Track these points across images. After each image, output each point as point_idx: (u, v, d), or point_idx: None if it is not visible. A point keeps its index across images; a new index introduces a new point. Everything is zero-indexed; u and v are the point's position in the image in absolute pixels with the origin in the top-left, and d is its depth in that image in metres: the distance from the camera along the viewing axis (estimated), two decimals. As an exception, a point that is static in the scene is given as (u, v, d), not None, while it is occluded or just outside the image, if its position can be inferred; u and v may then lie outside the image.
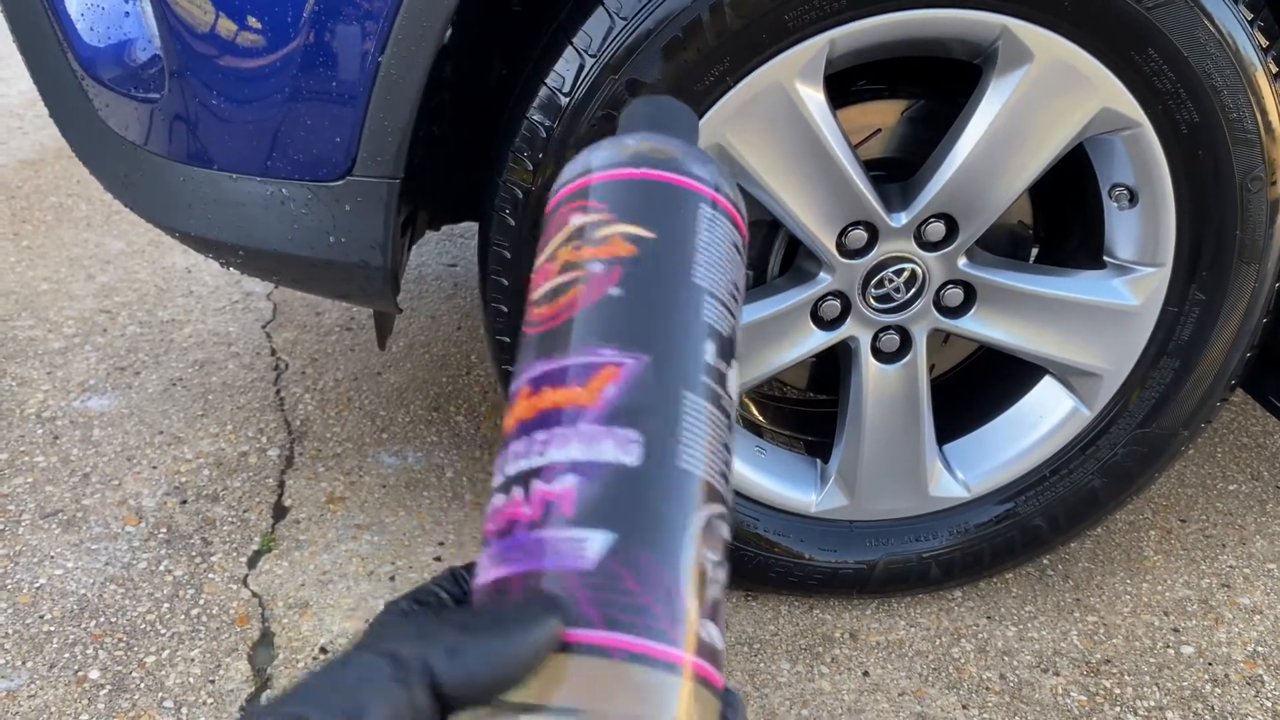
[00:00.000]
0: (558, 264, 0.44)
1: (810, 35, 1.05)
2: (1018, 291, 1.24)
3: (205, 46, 1.11)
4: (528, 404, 0.41)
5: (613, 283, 0.42)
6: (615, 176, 0.45)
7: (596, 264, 0.43)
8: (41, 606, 1.33)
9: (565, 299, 0.42)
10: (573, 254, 0.43)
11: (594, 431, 0.39)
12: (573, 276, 0.43)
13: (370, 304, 1.28)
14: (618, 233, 0.43)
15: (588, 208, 0.45)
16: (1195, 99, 1.11)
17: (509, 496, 0.39)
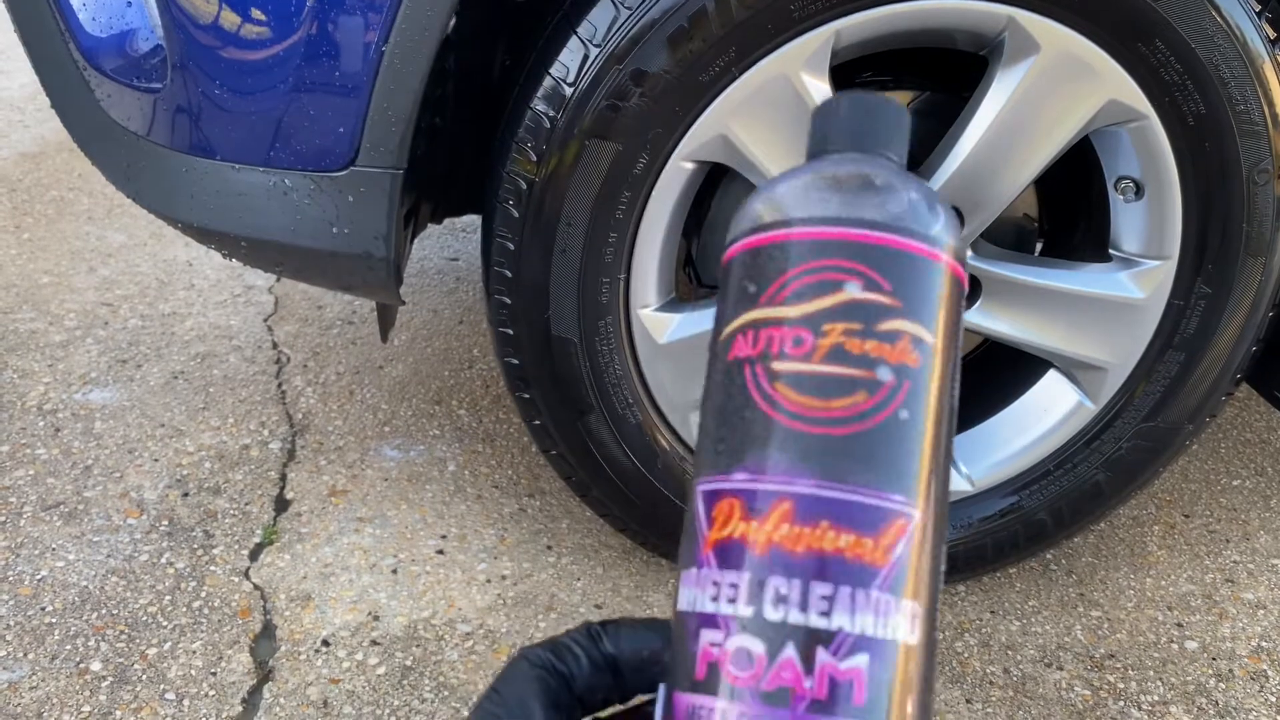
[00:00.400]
0: (828, 342, 0.36)
1: (816, 26, 1.05)
2: (1023, 284, 1.24)
3: (208, 37, 1.10)
4: (798, 533, 0.35)
5: (901, 403, 0.36)
6: (904, 248, 0.38)
7: (885, 370, 0.36)
8: (43, 598, 1.33)
9: (846, 404, 0.36)
10: (854, 343, 0.36)
11: (886, 602, 0.35)
12: (855, 375, 0.36)
13: (373, 295, 1.27)
14: (908, 332, 0.37)
15: (872, 282, 0.37)
16: (1202, 91, 1.10)
17: (776, 650, 0.34)
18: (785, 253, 0.38)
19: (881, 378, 0.36)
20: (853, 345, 0.36)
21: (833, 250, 0.37)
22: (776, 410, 0.36)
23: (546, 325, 1.19)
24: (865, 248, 0.37)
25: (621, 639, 0.40)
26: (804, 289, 0.37)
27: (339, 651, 1.28)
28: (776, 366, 0.36)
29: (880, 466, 0.35)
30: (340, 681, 1.24)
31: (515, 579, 1.42)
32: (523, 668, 0.38)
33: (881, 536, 0.35)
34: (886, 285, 0.37)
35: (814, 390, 0.36)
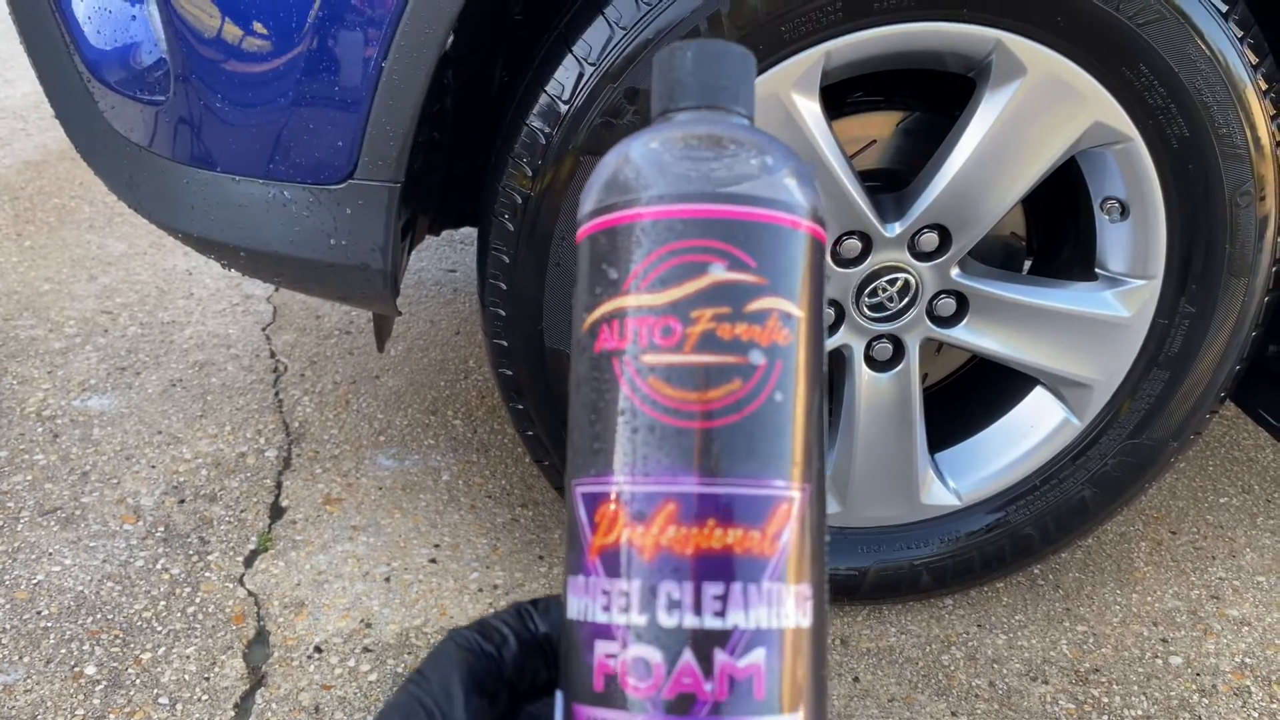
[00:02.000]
0: (698, 330, 0.35)
1: (806, 47, 1.07)
2: (1010, 302, 1.25)
3: (210, 50, 1.12)
4: (685, 534, 0.34)
5: (775, 385, 0.35)
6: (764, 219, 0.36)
7: (757, 353, 0.35)
8: (39, 603, 1.34)
9: (722, 394, 0.34)
10: (724, 329, 0.35)
11: (777, 591, 0.34)
12: (728, 362, 0.35)
13: (370, 306, 1.29)
14: (776, 310, 0.35)
15: (736, 261, 0.35)
16: (1186, 114, 1.12)
17: (673, 657, 0.33)
18: (644, 234, 0.36)
19: (754, 361, 0.35)
20: (723, 331, 0.35)
21: (693, 229, 0.35)
22: (651, 407, 0.35)
23: (540, 337, 1.21)
24: (726, 224, 0.36)
25: (552, 617, 0.40)
26: (668, 274, 0.35)
27: (331, 658, 1.29)
28: (647, 360, 0.35)
29: (760, 454, 0.35)
30: (332, 688, 1.25)
31: (507, 588, 1.44)
32: (449, 650, 0.37)
33: (768, 525, 0.34)
34: (751, 262, 0.35)
35: (688, 382, 0.35)
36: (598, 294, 0.37)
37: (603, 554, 0.35)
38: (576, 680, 0.35)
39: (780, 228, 0.36)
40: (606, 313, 0.36)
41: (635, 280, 0.36)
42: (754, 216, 0.36)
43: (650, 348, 0.35)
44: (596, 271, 0.37)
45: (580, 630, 0.35)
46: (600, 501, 0.35)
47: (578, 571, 0.36)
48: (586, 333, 0.37)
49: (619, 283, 0.36)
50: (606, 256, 0.37)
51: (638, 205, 0.36)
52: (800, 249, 0.36)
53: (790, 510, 0.35)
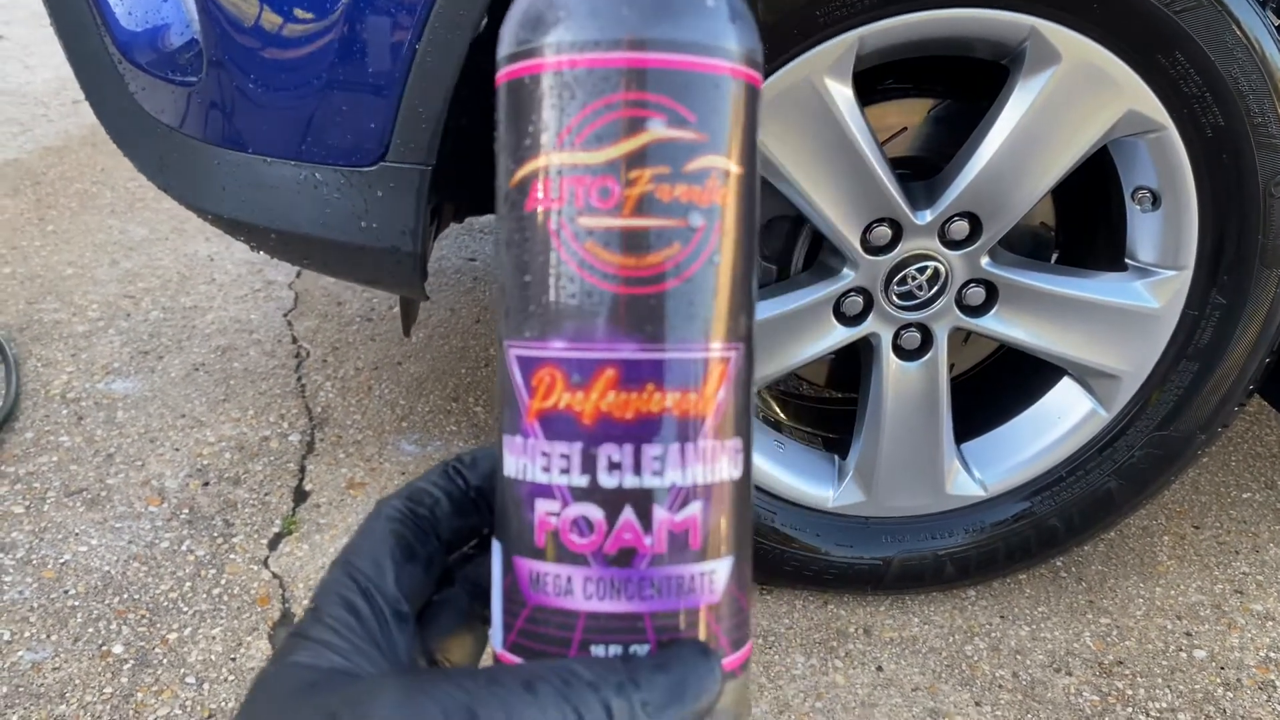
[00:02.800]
0: (637, 192, 0.34)
1: (841, 32, 1.07)
2: (1039, 292, 1.25)
3: (244, 33, 1.12)
4: (624, 399, 0.34)
5: (714, 247, 0.35)
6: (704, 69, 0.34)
7: (697, 215, 0.34)
8: (66, 582, 1.35)
9: (661, 259, 0.34)
10: (663, 190, 0.34)
11: (711, 448, 0.35)
12: (668, 225, 0.34)
13: (398, 290, 1.29)
14: (715, 168, 0.34)
15: (676, 116, 0.34)
16: (1221, 103, 1.12)
17: (615, 515, 0.34)
18: (577, 83, 0.34)
19: (694, 224, 0.34)
20: (662, 192, 0.34)
21: (631, 80, 0.33)
22: (589, 272, 0.34)
23: (568, 322, 1.21)
24: (665, 75, 0.33)
25: (481, 469, 0.40)
26: (604, 130, 0.33)
27: (356, 640, 1.29)
28: (585, 222, 0.34)
29: (699, 317, 0.35)
30: (357, 669, 1.25)
31: (530, 574, 1.44)
32: (378, 523, 0.37)
33: (705, 386, 0.35)
34: (691, 117, 0.34)
35: (627, 247, 0.34)
36: (526, 146, 0.35)
37: (541, 417, 0.35)
38: (517, 535, 0.36)
39: (721, 78, 0.34)
40: (537, 168, 0.35)
41: (569, 135, 0.34)
42: (693, 65, 0.34)
43: (587, 209, 0.34)
44: (523, 120, 0.35)
45: (519, 488, 0.36)
46: (537, 365, 0.35)
47: (515, 432, 0.36)
48: (515, 188, 0.35)
49: (550, 136, 0.34)
50: (535, 104, 0.34)
51: (569, 50, 0.34)
52: (740, 100, 0.35)
53: (726, 370, 0.36)
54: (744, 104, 0.35)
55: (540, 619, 0.35)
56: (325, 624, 0.34)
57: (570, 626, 0.35)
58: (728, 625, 0.36)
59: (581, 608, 0.35)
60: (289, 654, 0.34)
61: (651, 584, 0.35)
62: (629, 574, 0.35)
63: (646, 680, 0.33)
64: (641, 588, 0.35)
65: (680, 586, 0.35)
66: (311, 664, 0.33)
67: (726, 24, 0.35)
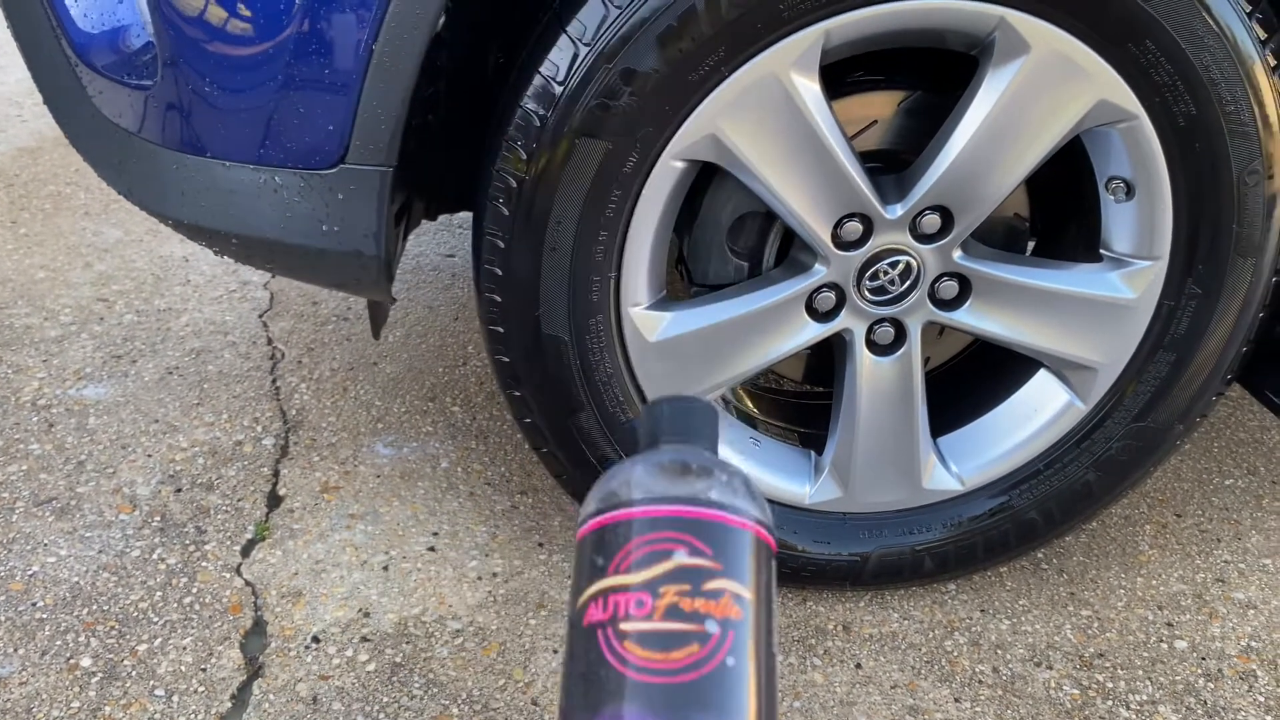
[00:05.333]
0: (664, 603, 0.43)
1: (806, 25, 1.05)
2: (1013, 284, 1.24)
3: (198, 33, 1.10)
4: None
5: (727, 651, 0.42)
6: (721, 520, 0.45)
7: (713, 624, 0.42)
8: (34, 594, 1.33)
9: (681, 656, 0.41)
10: (685, 602, 0.43)
11: None
12: (687, 630, 0.42)
13: (364, 293, 1.28)
14: (728, 589, 0.43)
15: (696, 549, 0.44)
16: (1192, 92, 1.10)
17: None
18: (626, 528, 0.45)
19: (710, 630, 0.42)
20: (685, 604, 0.42)
21: (663, 525, 0.45)
22: (626, 666, 0.41)
23: (537, 323, 1.19)
24: (689, 521, 0.45)
25: None
26: (642, 558, 0.44)
27: (329, 648, 1.28)
28: (624, 627, 0.42)
29: (714, 707, 0.41)
30: (330, 678, 1.24)
31: (506, 576, 1.43)
32: None
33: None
34: (708, 550, 0.44)
35: (656, 645, 0.42)
36: (590, 577, 0.45)
37: None
38: None
39: (729, 527, 0.45)
40: (595, 592, 0.44)
41: (617, 564, 0.44)
42: (708, 516, 0.45)
43: (627, 617, 0.43)
44: (590, 561, 0.45)
45: None
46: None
47: None
48: (579, 611, 0.44)
49: (604, 568, 0.44)
50: (598, 549, 0.45)
51: (624, 508, 0.46)
52: (748, 544, 0.45)
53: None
54: (750, 548, 0.45)
55: None
56: None
57: None
58: None
59: None
60: None
61: None
62: None
63: None
64: None
65: None
66: None
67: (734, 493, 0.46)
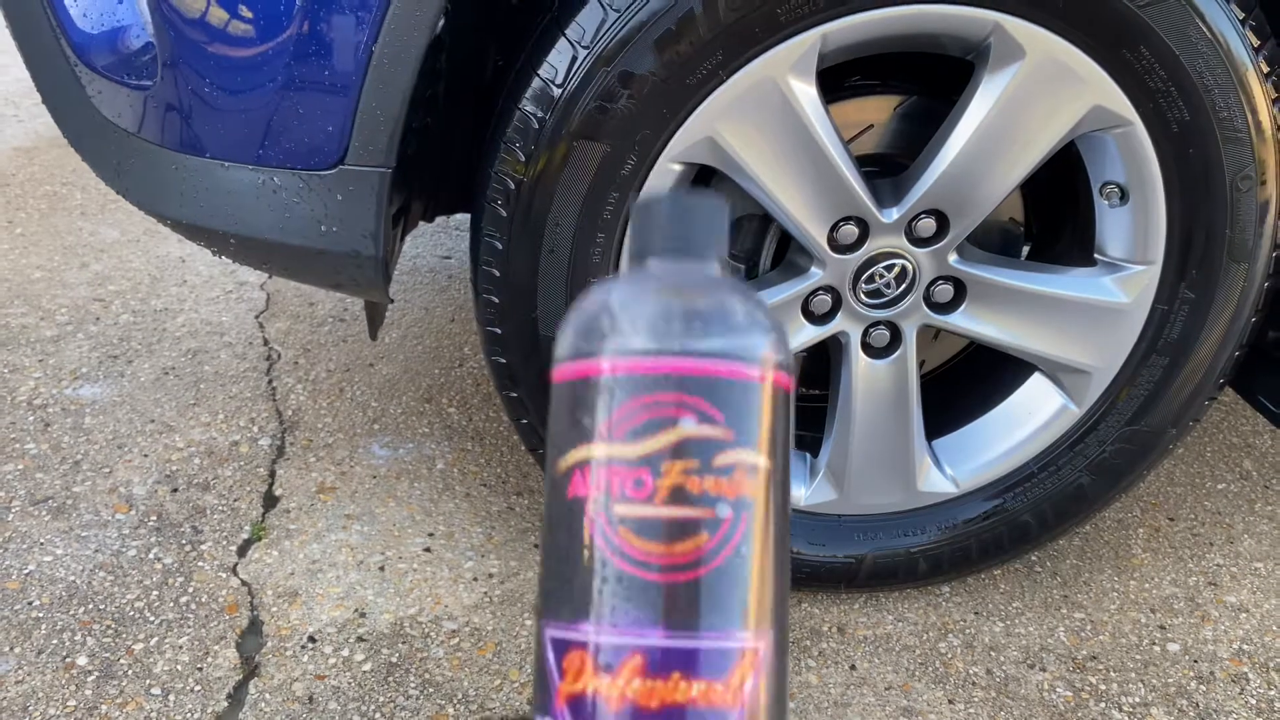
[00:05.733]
0: (668, 483, 0.36)
1: (803, 29, 1.06)
2: (1008, 288, 1.24)
3: (198, 34, 1.11)
4: (650, 687, 0.35)
5: (741, 537, 0.36)
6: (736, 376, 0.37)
7: (724, 506, 0.36)
8: (30, 593, 1.33)
9: (690, 548, 0.36)
10: (693, 482, 0.36)
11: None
12: (694, 516, 0.36)
13: (361, 294, 1.28)
14: (740, 463, 0.37)
15: (705, 415, 0.37)
16: (1186, 98, 1.11)
17: None
18: (617, 386, 0.37)
19: (721, 515, 0.36)
20: (692, 484, 0.36)
21: (664, 384, 0.37)
22: (621, 558, 0.36)
23: (535, 325, 1.20)
24: (695, 380, 0.37)
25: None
26: (639, 427, 0.36)
27: (325, 648, 1.28)
28: (620, 510, 0.36)
29: (726, 606, 0.36)
30: (326, 678, 1.24)
31: (502, 577, 1.43)
32: None
33: (732, 677, 0.35)
34: (719, 416, 0.37)
35: (657, 535, 0.36)
36: (571, 438, 0.38)
37: (570, 701, 0.36)
38: None
39: (747, 383, 0.37)
40: (580, 459, 0.37)
41: (609, 430, 0.37)
42: (722, 372, 0.37)
43: (621, 499, 0.36)
44: (571, 416, 0.38)
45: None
46: (568, 648, 0.36)
47: (546, 713, 0.37)
48: (560, 475, 0.38)
49: (592, 431, 0.37)
50: (582, 403, 0.38)
51: (612, 356, 0.37)
52: (766, 400, 0.38)
53: (754, 660, 0.36)
54: (768, 403, 0.38)
55: None
56: None
57: None
58: None
59: None
60: None
61: None
62: None
63: None
64: None
65: None
66: None
67: (751, 335, 0.38)
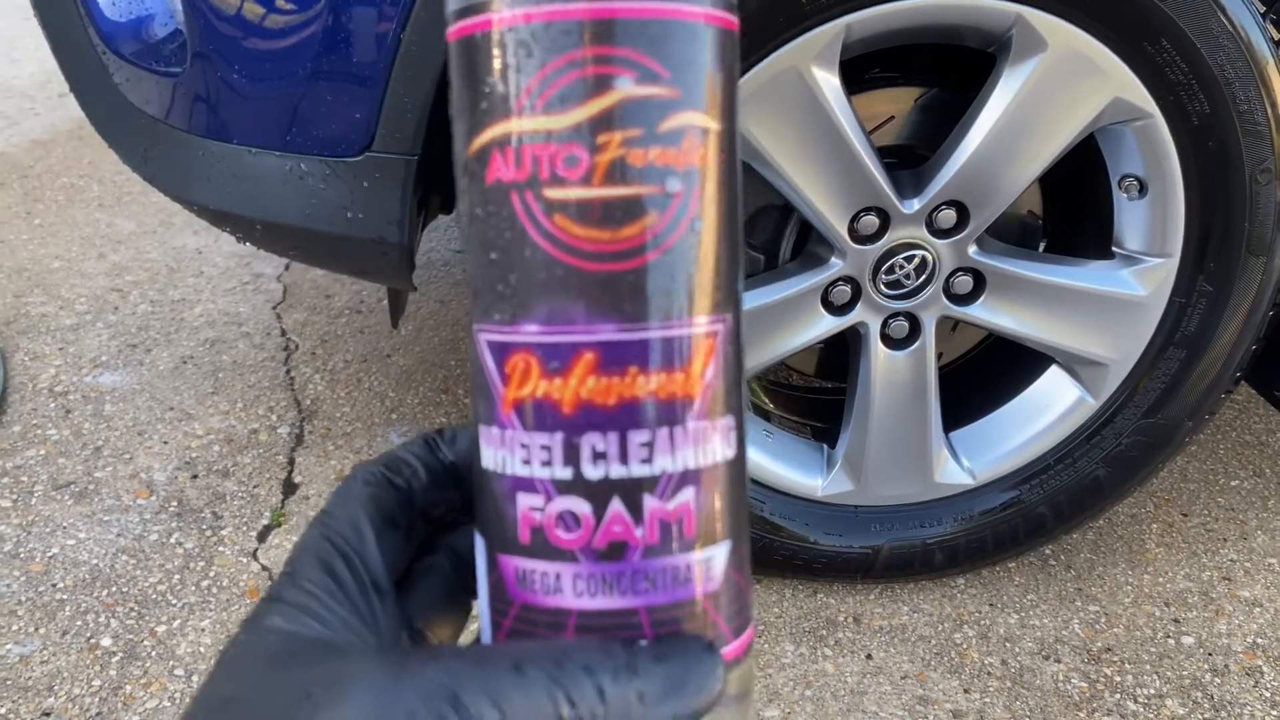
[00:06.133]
0: (607, 158, 0.31)
1: (827, 20, 1.06)
2: (1027, 280, 1.25)
3: (227, 24, 1.12)
4: (606, 383, 0.32)
5: (695, 213, 0.32)
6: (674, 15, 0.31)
7: (674, 179, 0.31)
8: (54, 575, 1.35)
9: (637, 230, 0.31)
10: (636, 154, 0.31)
11: (702, 429, 0.33)
12: (642, 193, 0.31)
13: (385, 281, 1.29)
14: (692, 126, 0.31)
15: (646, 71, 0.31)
16: (1206, 90, 1.12)
17: (602, 507, 0.32)
18: (535, 39, 0.30)
19: (671, 189, 0.31)
20: (635, 157, 0.31)
21: (594, 34, 0.30)
22: (560, 249, 0.31)
23: (556, 312, 1.20)
24: (631, 26, 0.30)
25: (459, 445, 0.38)
26: (567, 90, 0.30)
27: (345, 632, 1.29)
28: (551, 195, 0.31)
29: (680, 291, 0.32)
30: (347, 661, 1.25)
31: (520, 565, 1.44)
32: (355, 487, 0.36)
33: (692, 365, 0.33)
34: (664, 72, 0.31)
35: (599, 220, 0.31)
36: (484, 110, 0.32)
37: (518, 407, 0.33)
38: (499, 532, 0.34)
39: (691, 24, 0.31)
40: (497, 136, 0.31)
41: (529, 98, 0.31)
42: (660, 13, 0.30)
43: (554, 180, 0.31)
44: (479, 83, 0.32)
45: (499, 482, 0.33)
46: (510, 351, 0.33)
47: (491, 423, 0.33)
48: (474, 158, 0.32)
49: (509, 100, 0.31)
50: (489, 65, 0.31)
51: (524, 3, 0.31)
52: (715, 47, 0.32)
53: (713, 346, 0.33)
54: (720, 52, 0.32)
55: (529, 618, 0.34)
56: (303, 588, 0.33)
57: (562, 625, 0.33)
58: (728, 613, 0.35)
59: (572, 605, 0.33)
60: (263, 618, 0.32)
61: (646, 577, 0.33)
62: (621, 568, 0.32)
63: (645, 669, 0.31)
64: (635, 581, 0.33)
65: (676, 577, 0.33)
66: (289, 630, 0.31)
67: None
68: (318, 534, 0.35)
